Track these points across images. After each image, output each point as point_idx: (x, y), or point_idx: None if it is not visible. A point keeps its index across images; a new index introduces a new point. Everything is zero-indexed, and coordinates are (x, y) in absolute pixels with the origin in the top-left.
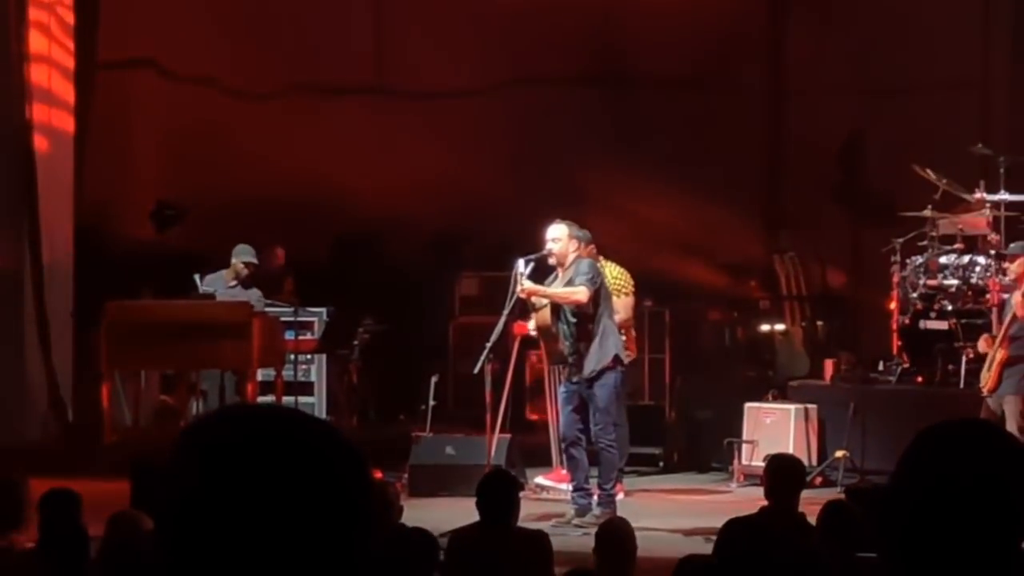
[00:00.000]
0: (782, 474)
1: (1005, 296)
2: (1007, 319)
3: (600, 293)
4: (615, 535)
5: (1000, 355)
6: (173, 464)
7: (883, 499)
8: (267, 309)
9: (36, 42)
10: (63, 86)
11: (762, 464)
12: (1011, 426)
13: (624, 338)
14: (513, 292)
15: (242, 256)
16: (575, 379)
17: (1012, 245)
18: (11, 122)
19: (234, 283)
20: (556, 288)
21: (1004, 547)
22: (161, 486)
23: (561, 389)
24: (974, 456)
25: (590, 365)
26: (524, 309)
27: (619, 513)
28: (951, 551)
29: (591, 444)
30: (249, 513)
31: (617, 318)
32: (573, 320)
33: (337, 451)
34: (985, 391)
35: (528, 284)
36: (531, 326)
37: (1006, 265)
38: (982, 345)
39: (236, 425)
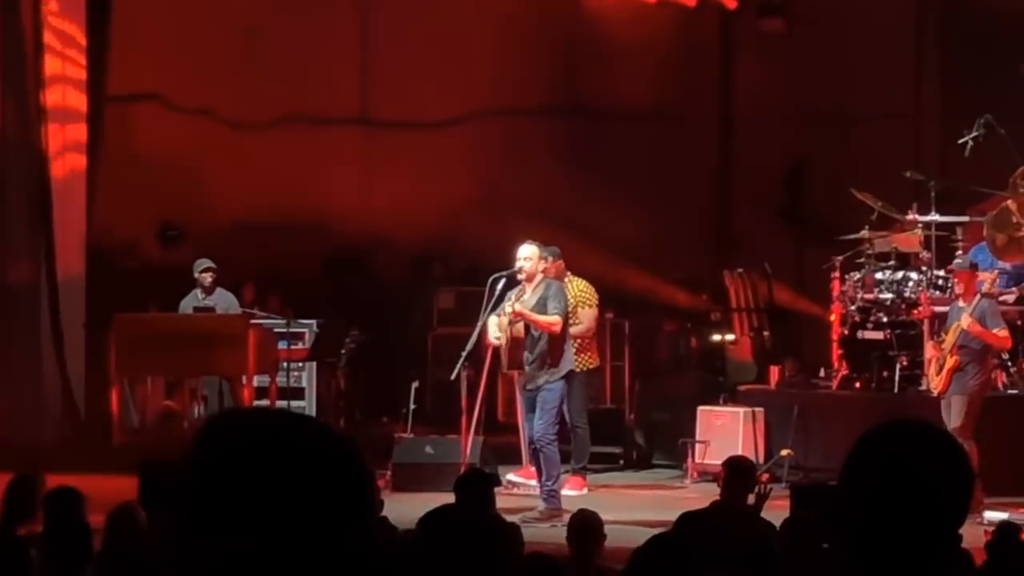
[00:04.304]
0: (737, 473)
1: (936, 309)
2: (952, 326)
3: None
4: (586, 524)
5: (951, 362)
6: (195, 451)
7: (834, 497)
8: (262, 321)
9: (52, 80)
10: (76, 117)
11: (713, 462)
12: (955, 422)
13: (587, 348)
14: (489, 306)
15: (199, 267)
16: (530, 386)
17: (956, 261)
18: (29, 150)
19: (203, 295)
20: (528, 305)
21: (941, 537)
22: (178, 477)
23: (521, 398)
24: (912, 455)
25: (544, 376)
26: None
27: (583, 507)
28: (895, 543)
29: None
30: (263, 494)
31: (581, 328)
32: (538, 335)
33: (337, 444)
34: (936, 393)
35: (517, 306)
36: (492, 332)
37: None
38: (929, 350)
39: (253, 419)
